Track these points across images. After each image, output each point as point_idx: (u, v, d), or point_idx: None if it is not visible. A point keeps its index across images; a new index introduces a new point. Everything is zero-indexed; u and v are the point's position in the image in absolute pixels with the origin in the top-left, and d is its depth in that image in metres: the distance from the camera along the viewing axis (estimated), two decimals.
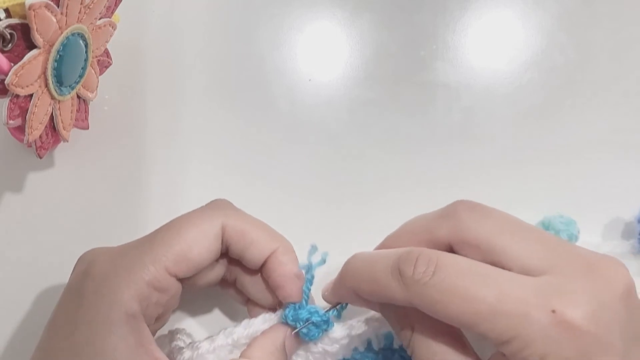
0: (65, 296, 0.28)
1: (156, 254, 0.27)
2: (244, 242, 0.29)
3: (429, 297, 0.24)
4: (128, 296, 0.26)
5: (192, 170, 0.38)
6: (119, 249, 0.28)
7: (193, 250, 0.28)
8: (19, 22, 0.28)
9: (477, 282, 0.24)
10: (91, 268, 0.27)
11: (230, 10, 0.42)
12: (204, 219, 0.29)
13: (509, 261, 0.25)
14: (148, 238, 0.28)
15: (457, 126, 0.39)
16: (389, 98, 0.40)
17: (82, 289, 0.27)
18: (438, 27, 0.42)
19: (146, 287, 0.26)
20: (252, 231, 0.29)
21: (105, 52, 0.37)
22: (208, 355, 0.28)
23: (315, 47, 0.42)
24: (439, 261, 0.25)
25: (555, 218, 0.33)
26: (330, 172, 0.38)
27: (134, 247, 0.28)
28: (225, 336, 0.29)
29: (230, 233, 0.29)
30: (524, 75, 0.41)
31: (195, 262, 0.28)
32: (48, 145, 0.35)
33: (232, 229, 0.29)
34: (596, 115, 0.40)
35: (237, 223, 0.29)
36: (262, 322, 0.29)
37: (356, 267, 0.28)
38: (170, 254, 0.27)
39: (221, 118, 0.39)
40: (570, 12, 0.43)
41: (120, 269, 0.26)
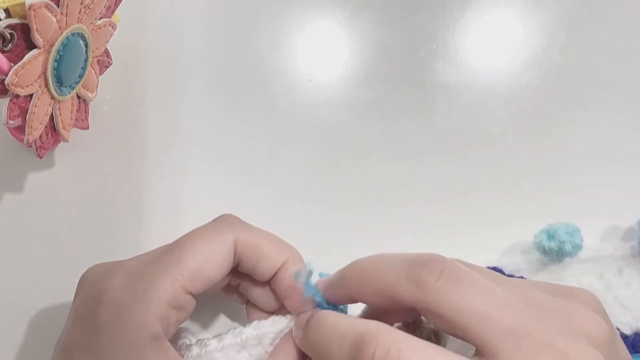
0: (77, 323, 0.27)
1: (173, 274, 0.26)
2: (255, 256, 0.29)
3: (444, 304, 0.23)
4: (151, 319, 0.26)
5: (192, 170, 0.38)
6: (129, 269, 0.27)
7: (208, 268, 0.27)
8: (19, 22, 0.28)
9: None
10: (105, 294, 0.26)
11: (230, 10, 0.42)
12: (216, 235, 0.28)
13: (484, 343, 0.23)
14: (162, 257, 0.28)
15: (457, 126, 0.39)
16: (389, 98, 0.40)
17: (98, 316, 0.26)
18: (438, 27, 0.42)
19: (166, 308, 0.26)
20: (263, 245, 0.29)
21: (105, 52, 0.37)
22: (216, 354, 0.28)
23: (315, 47, 0.42)
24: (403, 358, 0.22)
25: (561, 228, 0.33)
26: (330, 172, 0.38)
27: (147, 266, 0.27)
28: (234, 336, 0.29)
29: (242, 248, 0.29)
30: (524, 75, 0.41)
31: (210, 279, 0.28)
32: (48, 145, 0.35)
33: (244, 243, 0.29)
34: (596, 116, 0.40)
35: (248, 237, 0.29)
36: (271, 325, 0.29)
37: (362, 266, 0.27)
38: (187, 272, 0.27)
39: (221, 118, 0.39)
40: (570, 12, 0.43)
41: (138, 292, 0.26)
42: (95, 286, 0.27)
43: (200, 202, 0.37)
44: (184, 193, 0.37)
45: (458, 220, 0.37)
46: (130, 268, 0.27)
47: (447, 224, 0.37)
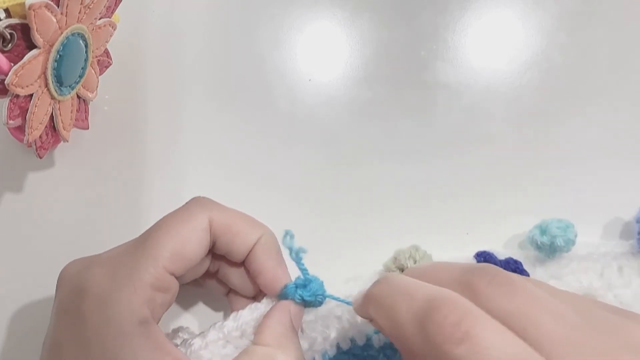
0: (62, 318, 0.27)
1: (153, 255, 0.27)
2: (229, 234, 0.29)
3: None
4: (137, 304, 0.26)
5: (192, 170, 0.38)
6: (108, 259, 0.27)
7: (186, 247, 0.28)
8: (19, 22, 0.28)
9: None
10: (87, 286, 0.26)
11: (230, 10, 0.42)
12: (191, 215, 0.29)
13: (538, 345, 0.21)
14: (139, 241, 0.28)
15: (457, 126, 0.39)
16: (389, 98, 0.40)
17: (83, 308, 0.26)
18: (438, 27, 0.42)
19: (150, 290, 0.26)
20: (236, 223, 0.29)
21: (105, 52, 0.37)
22: (202, 352, 0.28)
23: (315, 47, 0.42)
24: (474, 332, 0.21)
25: (553, 223, 0.33)
26: (330, 171, 0.38)
27: (127, 253, 0.27)
28: (216, 331, 0.29)
29: (217, 227, 0.29)
30: (524, 75, 0.41)
31: (189, 259, 0.28)
32: (48, 145, 0.35)
33: (218, 223, 0.29)
34: (596, 115, 0.40)
35: (221, 216, 0.29)
36: (250, 313, 0.29)
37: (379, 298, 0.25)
38: (166, 252, 0.27)
39: (221, 118, 0.39)
40: (570, 12, 0.43)
41: (121, 279, 0.26)
42: (75, 280, 0.27)
43: None
44: (183, 192, 0.37)
45: (458, 219, 0.37)
46: (110, 258, 0.27)
47: (448, 224, 0.37)
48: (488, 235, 0.37)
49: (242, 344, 0.28)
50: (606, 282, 0.34)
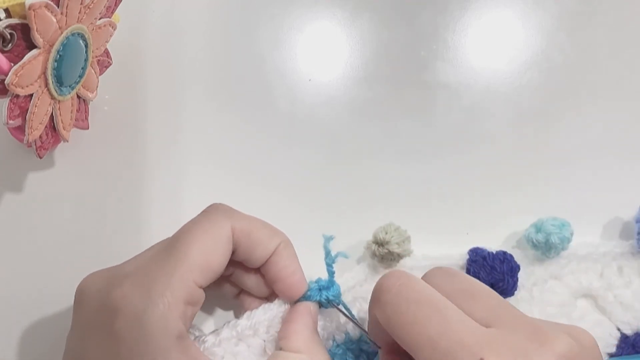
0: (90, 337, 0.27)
1: (183, 271, 0.26)
2: (249, 243, 0.29)
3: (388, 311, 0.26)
4: (172, 320, 0.25)
5: (192, 170, 0.38)
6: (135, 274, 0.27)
7: (214, 259, 0.28)
8: (19, 22, 0.28)
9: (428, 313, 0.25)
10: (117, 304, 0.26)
11: (230, 10, 0.42)
12: (214, 225, 0.28)
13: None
14: (166, 256, 0.27)
15: (457, 126, 0.39)
16: (389, 98, 0.40)
17: (115, 327, 0.25)
18: (438, 27, 0.42)
19: (183, 305, 0.26)
20: (256, 231, 0.29)
21: (105, 52, 0.37)
22: (215, 349, 0.28)
23: (315, 47, 0.42)
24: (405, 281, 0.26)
25: (548, 221, 0.34)
26: (330, 171, 0.38)
27: (156, 267, 0.27)
28: (229, 329, 0.29)
29: (238, 235, 0.29)
30: (524, 75, 0.41)
31: (216, 270, 0.28)
32: (48, 145, 0.35)
33: (239, 231, 0.29)
34: (596, 115, 0.40)
35: (242, 225, 0.29)
36: (263, 313, 0.30)
37: None
38: (196, 267, 0.27)
39: (221, 118, 0.39)
40: (570, 12, 0.43)
41: (154, 296, 0.26)
42: (101, 296, 0.27)
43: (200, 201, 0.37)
44: (183, 192, 0.37)
45: (458, 219, 0.37)
46: (136, 273, 0.27)
47: (448, 224, 0.37)
48: (488, 235, 0.37)
49: (254, 343, 0.29)
50: (606, 282, 0.34)
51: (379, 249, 0.33)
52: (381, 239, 0.33)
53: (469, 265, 0.33)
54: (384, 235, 0.33)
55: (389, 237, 0.33)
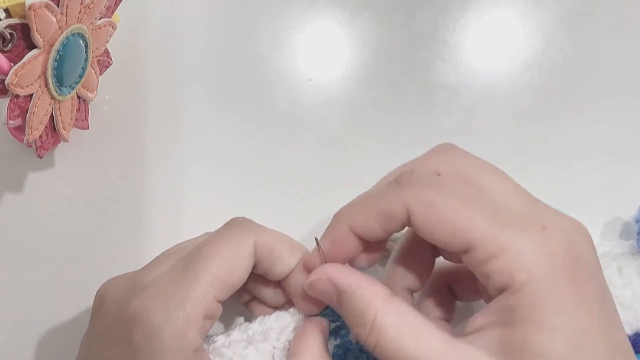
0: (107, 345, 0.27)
1: (204, 286, 0.26)
2: (271, 259, 0.29)
3: (428, 197, 0.25)
4: (191, 335, 0.26)
5: (192, 170, 0.38)
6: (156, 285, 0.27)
7: (234, 275, 0.28)
8: (19, 22, 0.28)
9: (474, 195, 0.25)
10: (138, 315, 0.26)
11: (230, 10, 0.42)
12: (237, 240, 0.28)
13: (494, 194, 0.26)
14: (188, 269, 0.27)
15: (457, 126, 0.39)
16: (389, 98, 0.40)
17: (134, 338, 0.26)
18: (438, 27, 0.42)
19: (202, 320, 0.26)
20: (278, 247, 0.29)
21: (105, 52, 0.37)
22: (224, 350, 0.29)
23: (315, 47, 0.42)
24: (444, 170, 0.27)
25: None
26: (330, 172, 0.38)
27: (176, 280, 0.27)
28: (240, 332, 0.29)
29: (260, 251, 0.29)
30: (524, 75, 0.41)
31: (236, 285, 0.28)
32: (48, 145, 0.35)
33: (262, 247, 0.29)
34: (596, 115, 0.40)
35: (264, 240, 0.29)
36: (276, 320, 0.30)
37: (352, 202, 0.29)
38: (216, 282, 0.27)
39: (221, 118, 0.39)
40: (570, 12, 0.43)
41: (174, 310, 0.26)
42: (121, 305, 0.27)
43: (200, 201, 0.37)
44: (183, 192, 0.37)
45: None
46: (155, 284, 0.27)
47: None
48: None
49: (263, 348, 0.29)
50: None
51: None
52: None
53: None
54: None
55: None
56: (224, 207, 0.36)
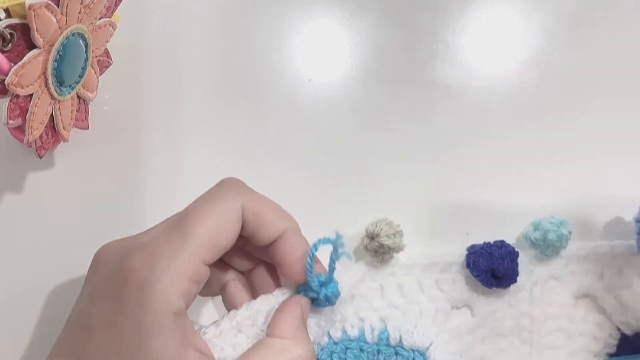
0: (97, 300, 0.27)
1: (192, 248, 0.27)
2: (258, 222, 0.29)
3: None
4: (174, 296, 0.26)
5: (192, 170, 0.38)
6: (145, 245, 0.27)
7: (222, 237, 0.28)
8: (19, 22, 0.28)
9: None
10: (128, 273, 0.26)
11: (231, 11, 0.42)
12: (225, 201, 0.29)
13: None
14: (175, 230, 0.28)
15: (457, 126, 0.39)
16: (389, 98, 0.40)
17: (123, 294, 0.26)
18: (438, 27, 0.42)
19: (187, 282, 0.26)
20: (266, 212, 0.29)
21: (105, 52, 0.37)
22: (215, 340, 0.28)
23: (315, 47, 0.42)
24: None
25: (545, 219, 0.34)
26: (330, 172, 0.38)
27: (165, 240, 0.27)
28: (229, 319, 0.29)
29: (247, 214, 0.29)
30: (524, 75, 0.41)
31: (223, 248, 0.28)
32: (48, 145, 0.35)
33: (249, 210, 0.29)
34: (596, 115, 0.40)
35: (253, 204, 0.29)
36: (261, 303, 0.30)
37: None
38: (204, 245, 0.27)
39: (221, 118, 0.39)
40: (570, 12, 0.43)
41: (159, 269, 0.26)
42: (115, 264, 0.27)
43: None
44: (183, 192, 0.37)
45: (458, 219, 0.37)
46: (148, 244, 0.27)
47: (448, 223, 0.37)
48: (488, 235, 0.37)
49: (253, 333, 0.29)
50: (606, 284, 0.34)
51: (370, 242, 0.33)
52: (371, 232, 0.33)
53: (467, 257, 0.33)
54: (374, 228, 0.33)
55: (378, 230, 0.33)
56: None
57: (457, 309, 0.34)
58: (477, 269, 0.33)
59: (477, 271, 0.33)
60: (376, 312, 0.33)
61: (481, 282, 0.33)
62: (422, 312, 0.33)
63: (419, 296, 0.34)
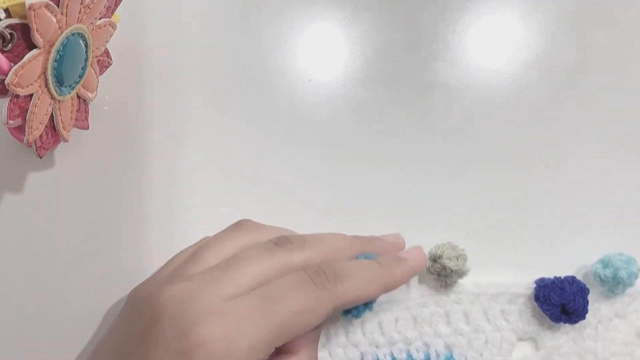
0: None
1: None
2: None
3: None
4: None
5: (192, 170, 0.38)
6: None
7: (303, 334, 0.28)
8: (19, 22, 0.28)
9: None
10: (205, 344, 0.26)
11: (231, 10, 0.42)
12: (318, 303, 0.28)
13: None
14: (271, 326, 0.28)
15: (457, 126, 0.39)
16: (389, 98, 0.40)
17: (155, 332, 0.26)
18: (438, 27, 0.42)
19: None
20: (364, 294, 0.30)
21: (105, 52, 0.37)
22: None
23: (315, 47, 0.42)
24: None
25: (615, 256, 0.34)
26: (330, 172, 0.38)
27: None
28: None
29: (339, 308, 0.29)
30: (524, 75, 0.41)
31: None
32: (48, 145, 0.35)
33: (343, 306, 0.30)
34: (596, 115, 0.40)
35: (348, 299, 0.29)
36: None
37: None
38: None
39: (221, 117, 0.39)
40: (570, 12, 0.43)
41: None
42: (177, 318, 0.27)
43: (201, 201, 0.37)
44: (183, 192, 0.37)
45: (458, 219, 0.37)
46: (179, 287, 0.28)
47: (447, 223, 0.37)
48: (488, 235, 0.37)
49: None
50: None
51: (433, 264, 0.34)
52: (434, 254, 0.34)
53: (537, 290, 0.33)
54: (437, 250, 0.34)
55: (441, 252, 0.33)
56: (224, 207, 0.36)
57: (522, 341, 0.34)
58: (547, 303, 0.33)
59: (547, 305, 0.33)
60: (442, 338, 0.33)
61: (549, 317, 0.33)
62: (487, 340, 0.33)
63: (484, 325, 0.33)
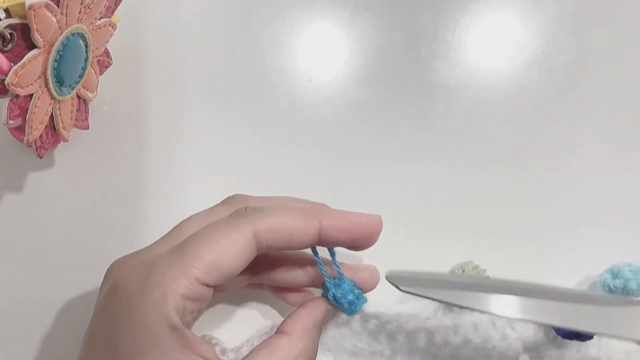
0: (97, 316, 0.28)
1: (186, 266, 0.26)
2: (285, 236, 0.28)
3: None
4: (166, 310, 0.26)
5: (192, 170, 0.38)
6: (141, 261, 0.27)
7: (224, 260, 0.27)
8: (19, 22, 0.28)
9: None
10: (118, 286, 0.27)
11: (231, 10, 0.42)
12: (233, 228, 0.28)
13: None
14: (176, 248, 0.27)
15: (457, 126, 0.39)
16: (389, 98, 0.40)
17: (112, 308, 0.26)
18: (438, 27, 0.42)
19: (181, 300, 0.26)
20: (286, 222, 0.28)
21: (105, 52, 0.37)
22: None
23: (315, 47, 0.42)
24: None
25: (624, 266, 0.34)
26: (330, 172, 0.38)
27: (162, 257, 0.27)
28: (248, 349, 0.30)
29: (266, 235, 0.28)
30: (524, 75, 0.41)
31: (226, 272, 0.27)
32: (48, 145, 0.35)
33: (266, 231, 0.28)
34: (596, 115, 0.40)
35: (267, 225, 0.28)
36: None
37: None
38: (200, 264, 0.26)
39: (221, 118, 0.39)
40: (570, 12, 0.43)
41: (151, 284, 0.26)
42: (111, 279, 0.28)
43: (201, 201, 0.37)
44: (183, 192, 0.37)
45: (458, 219, 0.37)
46: (143, 259, 0.27)
47: (447, 223, 0.37)
48: (488, 235, 0.37)
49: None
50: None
51: None
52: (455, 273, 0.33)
53: None
54: (459, 270, 0.33)
55: (460, 271, 0.33)
56: None
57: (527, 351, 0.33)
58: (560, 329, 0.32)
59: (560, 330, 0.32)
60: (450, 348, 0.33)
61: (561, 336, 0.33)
62: (495, 347, 0.33)
63: (493, 334, 0.33)
